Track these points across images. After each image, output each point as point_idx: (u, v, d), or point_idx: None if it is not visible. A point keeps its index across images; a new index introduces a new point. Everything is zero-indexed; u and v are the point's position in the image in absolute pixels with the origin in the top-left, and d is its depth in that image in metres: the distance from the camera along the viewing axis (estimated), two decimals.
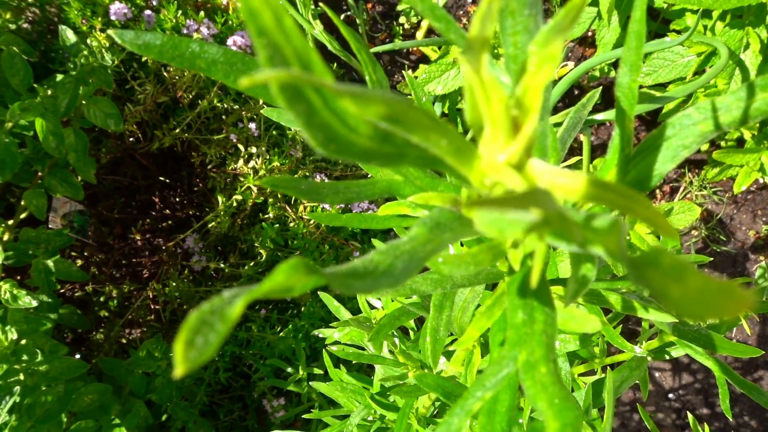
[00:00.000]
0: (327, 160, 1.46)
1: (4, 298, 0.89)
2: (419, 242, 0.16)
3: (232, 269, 1.36)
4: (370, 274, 0.15)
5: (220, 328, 0.12)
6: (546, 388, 0.16)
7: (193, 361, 0.12)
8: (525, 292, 0.19)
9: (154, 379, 1.14)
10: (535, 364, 0.17)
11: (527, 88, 0.14)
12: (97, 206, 1.55)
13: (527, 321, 0.18)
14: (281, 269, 0.13)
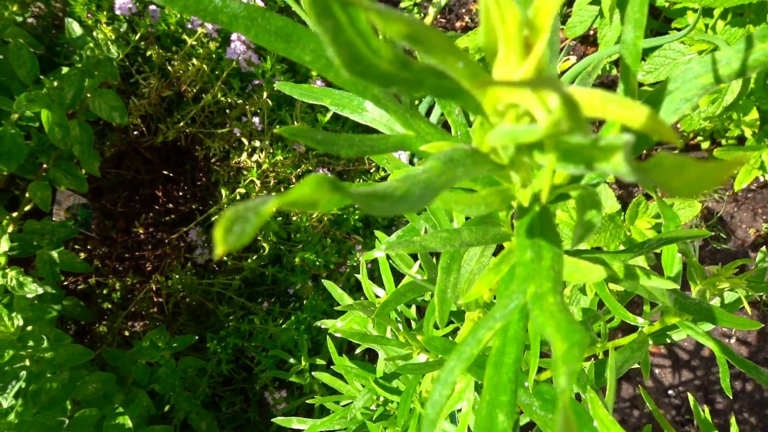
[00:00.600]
0: (330, 155, 1.47)
1: (11, 285, 0.90)
2: (434, 174, 0.16)
3: (234, 262, 1.37)
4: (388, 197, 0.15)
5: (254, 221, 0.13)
6: (554, 315, 0.17)
7: (230, 243, 0.13)
8: (533, 233, 0.20)
9: (157, 369, 1.15)
10: (543, 296, 0.18)
11: (538, 10, 0.15)
12: (101, 200, 1.56)
13: (535, 258, 0.19)
14: (307, 182, 0.14)
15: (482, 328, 0.22)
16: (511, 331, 0.27)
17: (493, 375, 0.26)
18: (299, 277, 1.34)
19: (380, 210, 0.15)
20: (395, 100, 0.26)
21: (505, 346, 0.27)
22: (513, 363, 0.26)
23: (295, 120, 1.39)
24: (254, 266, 1.36)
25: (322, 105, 1.38)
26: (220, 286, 1.36)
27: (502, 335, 0.27)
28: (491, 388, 0.26)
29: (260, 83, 1.39)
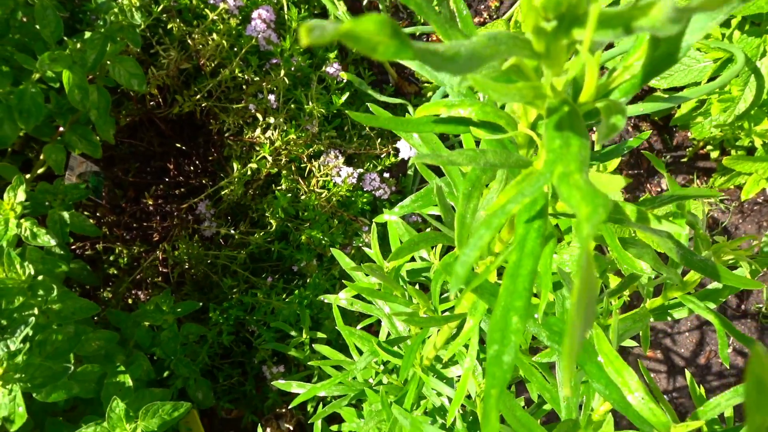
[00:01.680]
0: (342, 137, 1.48)
1: (24, 235, 0.92)
2: (480, 45, 0.18)
3: (241, 237, 1.39)
4: (440, 55, 0.17)
5: (330, 30, 0.14)
6: (579, 189, 0.18)
7: (312, 38, 0.14)
8: (562, 127, 0.21)
9: (159, 334, 1.16)
10: (570, 174, 0.19)
11: None
12: (113, 169, 1.57)
13: (563, 145, 0.20)
14: (371, 18, 0.15)
15: (511, 202, 0.23)
16: (528, 247, 0.29)
17: (509, 284, 0.28)
18: (304, 255, 1.35)
19: (432, 63, 0.16)
20: (435, 10, 0.27)
21: (521, 260, 0.28)
22: (528, 274, 0.28)
23: (311, 100, 1.40)
24: (260, 242, 1.37)
25: (338, 88, 1.38)
26: (226, 258, 1.37)
27: (519, 250, 0.29)
28: (507, 296, 0.27)
29: (278, 62, 1.40)
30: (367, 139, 1.49)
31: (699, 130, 1.65)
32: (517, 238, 0.29)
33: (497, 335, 0.26)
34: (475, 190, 0.32)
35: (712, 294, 0.62)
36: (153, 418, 0.99)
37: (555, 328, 0.34)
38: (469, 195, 0.32)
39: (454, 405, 0.57)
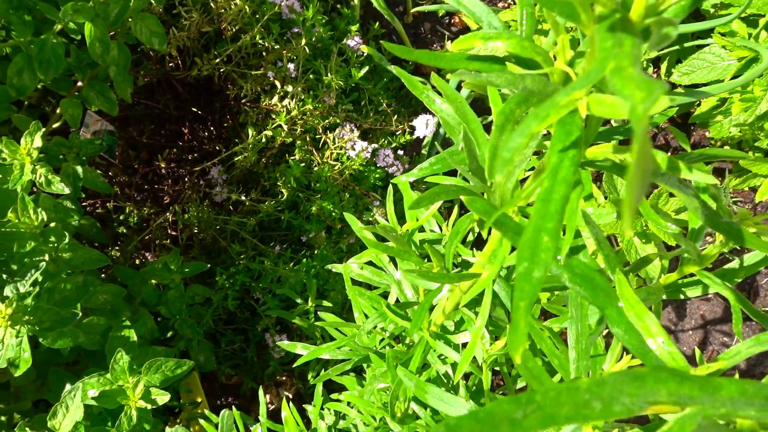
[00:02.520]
0: (358, 111, 1.48)
1: (39, 181, 0.92)
2: None
3: (252, 204, 1.39)
4: None
5: None
6: (633, 79, 0.18)
7: None
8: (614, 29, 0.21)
9: (166, 293, 1.17)
10: (623, 68, 0.19)
11: None
12: (127, 129, 1.57)
13: (615, 44, 0.20)
14: None
15: (562, 95, 0.23)
16: (561, 174, 0.28)
17: (540, 208, 0.27)
18: (314, 226, 1.35)
19: None
20: None
21: (554, 185, 0.28)
22: (560, 199, 0.27)
23: (330, 72, 1.40)
24: (271, 210, 1.37)
25: (358, 61, 1.37)
26: (236, 224, 1.38)
27: (551, 177, 0.28)
28: (538, 217, 0.27)
29: (299, 31, 1.40)
30: (383, 115, 1.48)
31: (718, 129, 1.63)
32: (550, 167, 0.29)
33: (527, 253, 0.26)
34: (509, 123, 0.32)
35: (728, 274, 0.61)
36: (156, 374, 0.99)
37: (577, 270, 0.34)
38: (502, 127, 0.32)
39: (461, 365, 0.57)
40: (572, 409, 0.22)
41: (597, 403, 0.22)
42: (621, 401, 0.22)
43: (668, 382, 0.22)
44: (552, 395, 0.22)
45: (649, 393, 0.22)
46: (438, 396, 0.62)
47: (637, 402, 0.22)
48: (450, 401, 0.61)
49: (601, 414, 0.22)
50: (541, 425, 0.22)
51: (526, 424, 0.22)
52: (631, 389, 0.22)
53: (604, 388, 0.22)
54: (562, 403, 0.22)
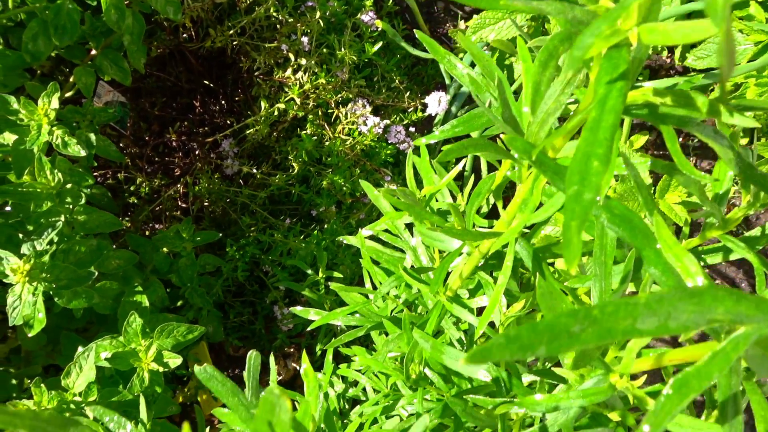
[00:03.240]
0: (371, 87, 1.47)
1: (55, 142, 0.92)
2: None
3: (263, 177, 1.39)
4: None
5: None
6: None
7: None
8: None
9: (177, 261, 1.17)
10: None
11: None
12: (139, 101, 1.57)
13: None
14: None
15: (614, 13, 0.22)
16: (609, 104, 0.28)
17: (588, 136, 0.27)
18: (324, 200, 1.35)
19: None
20: None
21: (602, 115, 0.28)
22: (609, 127, 0.27)
23: (343, 47, 1.39)
24: (281, 183, 1.37)
25: (371, 36, 1.36)
26: (246, 197, 1.38)
27: (599, 108, 0.28)
28: (587, 145, 0.27)
29: (313, 5, 1.39)
30: (395, 91, 1.48)
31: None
32: (598, 98, 0.29)
33: (576, 177, 0.26)
34: (552, 59, 0.32)
35: (750, 241, 0.61)
36: (167, 338, 1.00)
37: (616, 211, 0.34)
38: (545, 63, 0.32)
39: (480, 324, 0.57)
40: (629, 324, 0.22)
41: (653, 319, 0.22)
42: (677, 318, 0.22)
43: (725, 300, 0.22)
44: (610, 310, 0.22)
45: (706, 310, 0.22)
46: (454, 356, 0.62)
47: (694, 319, 0.22)
48: None
49: (657, 330, 0.22)
50: (598, 339, 0.22)
51: (583, 338, 0.22)
52: (689, 306, 0.22)
53: (661, 304, 0.22)
54: (619, 318, 0.22)
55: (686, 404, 0.24)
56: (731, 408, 0.28)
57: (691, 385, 0.24)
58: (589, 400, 0.40)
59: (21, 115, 0.88)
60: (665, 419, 0.24)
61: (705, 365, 0.24)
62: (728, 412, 0.28)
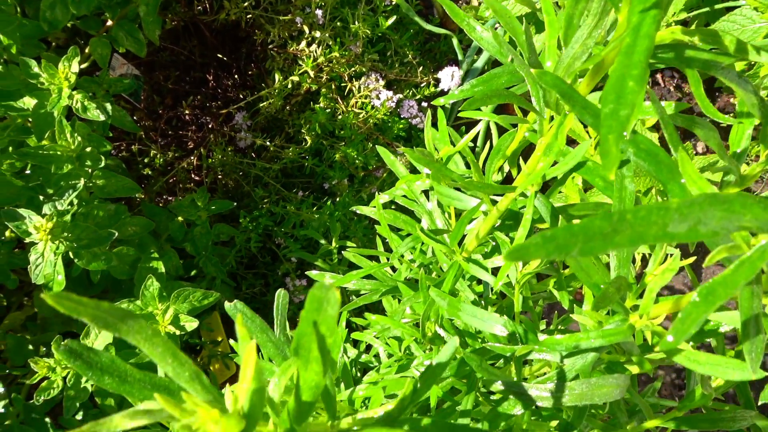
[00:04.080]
0: (384, 61, 1.47)
1: (75, 106, 0.93)
2: None
3: (276, 150, 1.40)
4: None
5: None
6: None
7: None
8: None
9: (192, 230, 1.19)
10: None
11: None
12: (153, 74, 1.58)
13: None
14: None
15: None
16: (643, 30, 0.29)
17: (623, 59, 0.28)
18: (337, 173, 1.36)
19: None
20: None
21: (636, 40, 0.29)
22: (644, 51, 0.28)
23: (357, 20, 1.39)
24: (294, 156, 1.38)
25: (385, 11, 1.36)
26: (259, 169, 1.39)
27: (633, 34, 0.29)
28: (622, 68, 0.28)
29: None
30: (408, 66, 1.48)
31: None
32: (631, 26, 0.29)
33: (612, 96, 0.26)
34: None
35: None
36: (184, 303, 1.01)
37: (642, 145, 0.34)
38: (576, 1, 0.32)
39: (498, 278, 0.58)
40: (660, 229, 0.23)
41: (684, 224, 0.23)
42: (707, 224, 0.23)
43: (754, 207, 0.23)
44: (642, 214, 0.23)
45: (735, 217, 0.23)
46: (471, 313, 0.63)
47: (723, 225, 0.23)
48: (483, 317, 0.62)
49: (688, 235, 0.23)
50: (631, 242, 0.23)
51: (617, 240, 0.23)
52: (718, 212, 0.23)
53: (692, 209, 0.23)
54: (651, 223, 0.23)
55: (712, 312, 0.25)
56: (753, 327, 0.28)
57: (717, 293, 0.25)
58: (608, 339, 0.41)
59: (42, 79, 0.89)
60: (692, 326, 0.24)
61: (731, 273, 0.25)
62: (750, 331, 0.28)
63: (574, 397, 0.47)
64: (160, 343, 0.25)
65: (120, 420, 0.22)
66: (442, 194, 0.67)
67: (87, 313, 0.23)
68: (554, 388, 0.48)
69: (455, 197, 0.66)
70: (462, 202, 0.66)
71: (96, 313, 0.23)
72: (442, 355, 0.36)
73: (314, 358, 0.25)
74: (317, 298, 0.23)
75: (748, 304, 0.29)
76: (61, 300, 0.21)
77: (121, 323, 0.24)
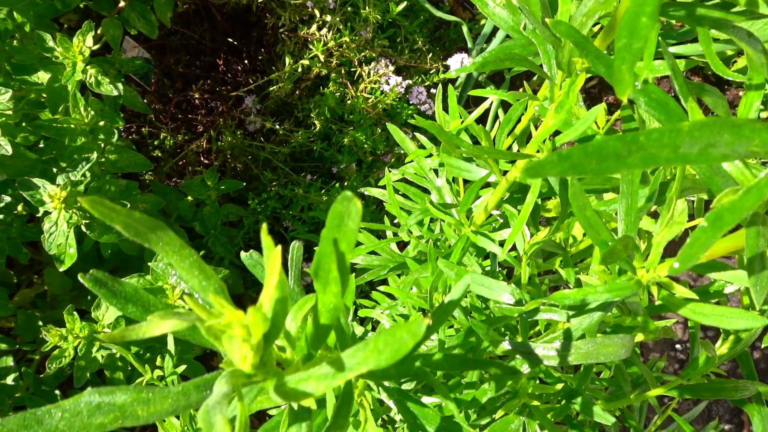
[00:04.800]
0: (394, 48, 1.48)
1: (89, 81, 0.94)
2: None
3: (285, 134, 1.41)
4: None
5: None
6: None
7: None
8: None
9: (201, 209, 1.20)
10: None
11: None
12: (163, 58, 1.59)
13: None
14: None
15: None
16: None
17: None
18: (345, 157, 1.37)
19: None
20: None
21: None
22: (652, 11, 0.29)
23: (367, 5, 1.40)
24: (303, 140, 1.39)
25: None
26: (268, 152, 1.40)
27: None
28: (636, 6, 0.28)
29: None
30: (418, 53, 1.49)
31: None
32: None
33: (626, 32, 0.27)
34: None
35: None
36: None
37: (653, 95, 0.35)
38: None
39: (507, 244, 0.59)
40: (672, 151, 0.24)
41: (695, 146, 0.24)
42: (718, 148, 0.24)
43: (762, 132, 0.24)
44: (655, 137, 0.24)
45: (744, 141, 0.24)
46: (479, 281, 0.64)
47: (733, 149, 0.24)
48: (491, 285, 0.63)
49: (698, 158, 0.24)
50: (643, 164, 0.24)
51: (630, 161, 0.24)
52: (729, 137, 0.24)
53: (703, 131, 0.24)
54: (663, 145, 0.24)
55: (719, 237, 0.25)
56: (758, 263, 0.29)
57: (725, 218, 0.25)
58: (615, 294, 0.42)
59: (56, 53, 0.91)
60: (700, 251, 0.25)
61: (739, 200, 0.25)
62: (755, 267, 0.29)
63: (579, 356, 0.48)
64: (189, 255, 0.26)
65: (149, 326, 0.23)
66: (451, 166, 0.68)
67: (119, 220, 0.23)
68: (560, 347, 0.48)
69: (464, 168, 0.67)
70: (471, 174, 0.66)
71: (128, 221, 0.24)
72: (454, 293, 0.36)
73: (333, 279, 0.26)
74: (339, 214, 0.24)
75: (754, 243, 0.30)
76: (96, 204, 0.22)
77: (151, 233, 0.25)
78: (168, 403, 0.26)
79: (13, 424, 0.25)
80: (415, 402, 0.49)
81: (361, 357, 0.22)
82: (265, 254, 0.26)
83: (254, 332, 0.23)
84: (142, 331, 0.23)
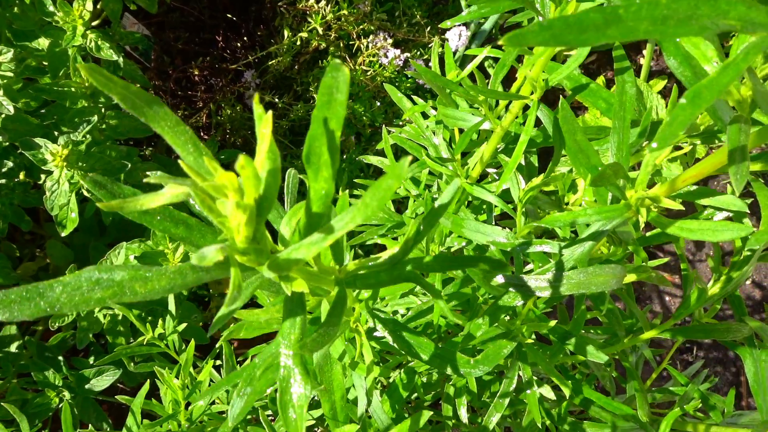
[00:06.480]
0: (392, 21, 1.48)
1: (89, 46, 0.95)
2: None
3: (284, 107, 1.41)
4: None
5: None
6: None
7: None
8: None
9: None
10: None
11: None
12: (162, 35, 1.60)
13: None
14: None
15: None
16: None
17: None
18: (344, 130, 1.37)
19: None
20: None
21: None
22: None
23: None
24: (303, 114, 1.40)
25: None
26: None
27: None
28: None
29: None
30: (416, 27, 1.49)
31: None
32: None
33: None
34: None
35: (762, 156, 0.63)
36: None
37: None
38: None
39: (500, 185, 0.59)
40: (650, 24, 0.25)
41: (673, 20, 0.24)
42: (696, 21, 0.24)
43: (738, 6, 0.25)
44: (633, 9, 0.25)
45: (721, 14, 0.25)
46: (474, 228, 0.65)
47: (712, 21, 0.25)
48: (486, 230, 0.64)
49: (676, 31, 0.25)
50: (623, 36, 0.25)
51: (609, 33, 0.24)
52: (706, 9, 0.24)
53: (681, 5, 0.24)
54: (642, 18, 0.24)
55: (698, 115, 0.26)
56: (739, 155, 0.30)
57: (703, 95, 0.26)
58: (605, 216, 0.43)
59: (56, 17, 0.91)
60: (679, 129, 0.26)
61: (717, 76, 0.26)
62: (736, 158, 0.30)
63: (571, 286, 0.49)
64: (183, 131, 0.26)
65: (146, 197, 0.24)
66: (447, 116, 0.68)
67: (117, 92, 0.24)
68: (552, 278, 0.49)
69: (460, 117, 0.67)
70: (467, 122, 0.67)
71: (125, 93, 0.25)
72: (444, 197, 0.37)
73: (324, 163, 0.27)
74: (328, 87, 0.25)
75: (735, 137, 0.30)
76: (94, 73, 0.23)
77: (147, 107, 0.26)
78: (165, 280, 0.27)
79: (16, 295, 0.26)
80: (409, 331, 0.50)
81: (349, 216, 0.23)
82: (256, 122, 0.27)
83: (247, 191, 0.24)
84: (139, 203, 0.24)
